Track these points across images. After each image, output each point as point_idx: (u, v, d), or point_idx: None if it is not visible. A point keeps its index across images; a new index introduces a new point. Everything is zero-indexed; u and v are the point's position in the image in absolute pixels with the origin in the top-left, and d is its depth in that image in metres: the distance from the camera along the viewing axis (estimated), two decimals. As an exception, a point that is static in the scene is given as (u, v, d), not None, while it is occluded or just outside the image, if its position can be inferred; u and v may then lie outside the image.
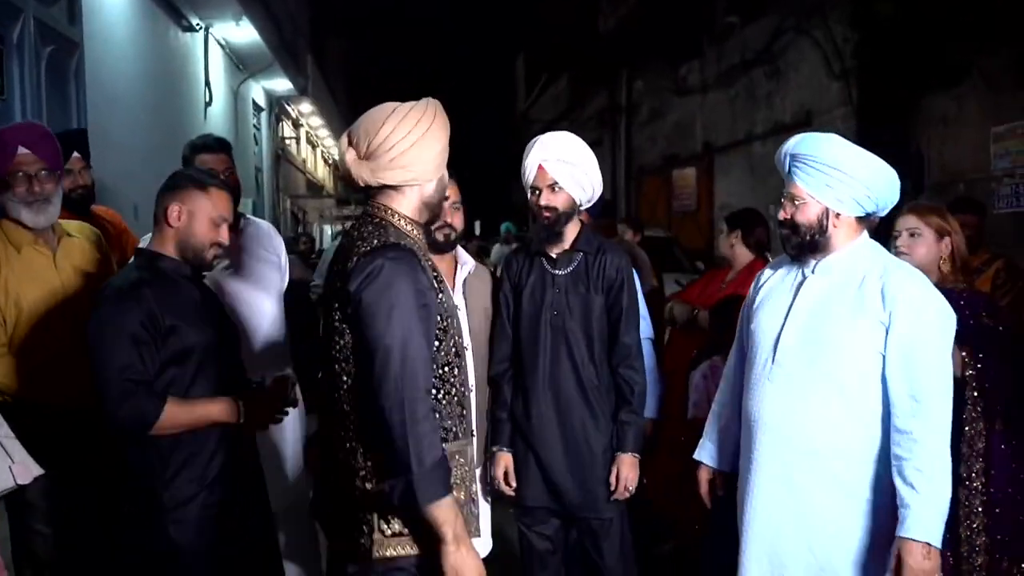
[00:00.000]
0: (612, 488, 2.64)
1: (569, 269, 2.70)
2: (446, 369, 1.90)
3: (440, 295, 1.91)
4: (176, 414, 2.10)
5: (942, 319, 2.07)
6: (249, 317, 2.81)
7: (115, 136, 5.17)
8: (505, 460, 2.73)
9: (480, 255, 8.69)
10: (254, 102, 11.73)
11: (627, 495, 2.65)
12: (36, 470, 2.18)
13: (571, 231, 2.70)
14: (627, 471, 2.63)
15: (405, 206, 1.93)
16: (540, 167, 2.63)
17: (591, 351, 2.68)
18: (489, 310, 2.80)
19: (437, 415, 1.83)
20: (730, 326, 3.49)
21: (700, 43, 10.59)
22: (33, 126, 2.83)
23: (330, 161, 23.81)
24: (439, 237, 2.59)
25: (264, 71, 10.79)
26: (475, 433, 2.17)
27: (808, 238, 2.13)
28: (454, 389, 1.93)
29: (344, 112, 21.66)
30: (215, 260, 2.32)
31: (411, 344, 1.75)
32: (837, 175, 2.09)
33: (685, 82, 11.18)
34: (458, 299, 2.69)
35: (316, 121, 17.64)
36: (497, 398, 2.76)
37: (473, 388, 2.60)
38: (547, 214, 2.63)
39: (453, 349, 1.93)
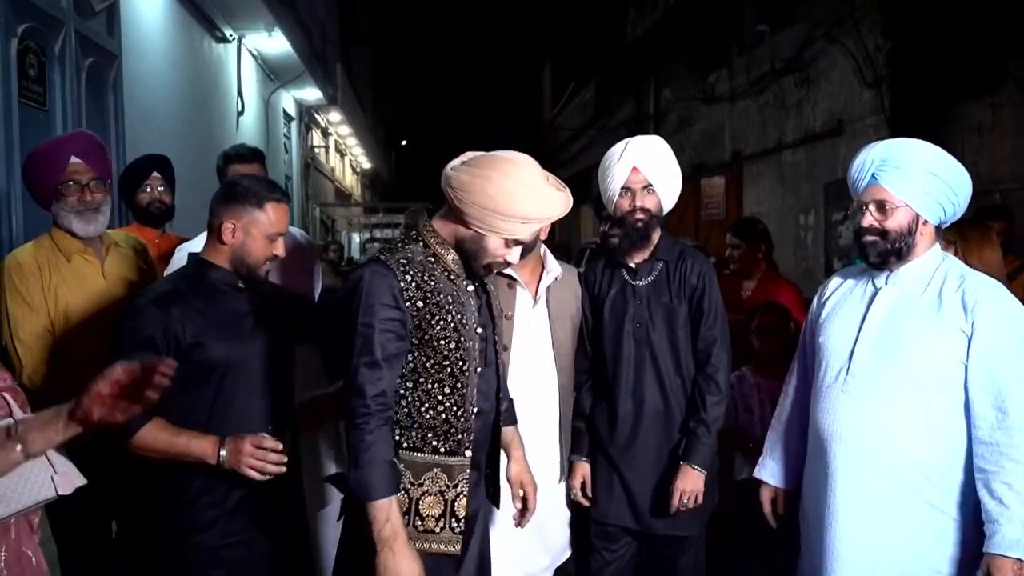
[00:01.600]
0: (670, 498, 2.55)
1: (650, 279, 2.64)
2: (434, 386, 2.00)
3: (448, 314, 1.99)
4: (156, 437, 2.01)
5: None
6: None
7: (150, 146, 5.23)
8: (582, 470, 2.68)
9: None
10: (285, 111, 11.86)
11: (683, 509, 2.54)
12: (78, 480, 2.07)
13: (656, 237, 2.65)
14: (687, 483, 2.53)
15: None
16: (635, 168, 2.58)
17: (676, 361, 2.61)
18: (576, 317, 2.73)
19: (398, 420, 1.99)
20: (768, 337, 3.47)
21: (729, 51, 10.54)
22: (85, 136, 2.84)
23: (358, 170, 23.97)
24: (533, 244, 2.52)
25: (295, 81, 10.91)
26: (480, 439, 2.12)
27: (896, 245, 2.10)
28: (441, 406, 2.00)
29: (371, 121, 21.82)
30: (268, 271, 2.24)
31: (356, 360, 1.92)
32: (933, 181, 2.07)
33: (714, 90, 11.13)
34: (540, 306, 2.66)
35: (345, 130, 17.78)
36: (575, 409, 2.70)
37: (556, 399, 2.64)
38: (641, 215, 2.57)
39: (449, 367, 2.00)
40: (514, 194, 1.93)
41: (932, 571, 2.07)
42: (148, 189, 3.32)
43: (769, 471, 2.48)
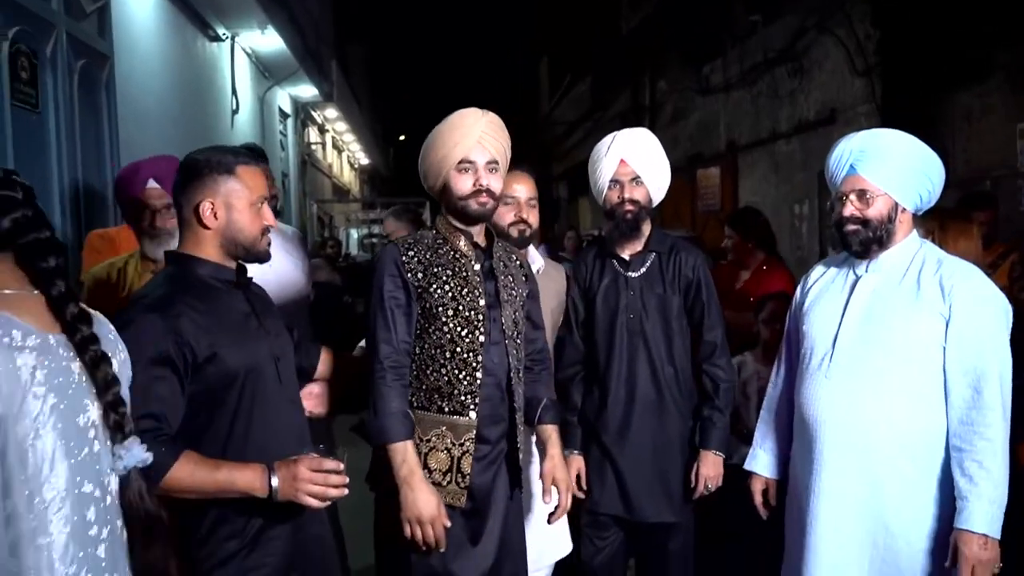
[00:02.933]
0: (692, 485, 2.62)
1: (643, 270, 2.68)
2: (436, 351, 2.21)
3: (446, 284, 2.21)
4: (191, 473, 1.71)
5: (1000, 311, 2.11)
6: None
7: (144, 146, 5.27)
8: (577, 464, 2.71)
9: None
10: (280, 109, 11.88)
11: (706, 493, 2.63)
12: None
13: (646, 229, 2.69)
14: (708, 469, 2.62)
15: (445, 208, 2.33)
16: (622, 160, 2.63)
17: (670, 352, 2.66)
18: (557, 311, 2.76)
19: (410, 381, 2.22)
20: (780, 325, 3.53)
21: (722, 42, 10.55)
22: (168, 160, 2.84)
23: (355, 165, 23.97)
24: (514, 233, 2.61)
25: (289, 78, 10.92)
26: (491, 414, 2.27)
27: (877, 233, 2.18)
28: (443, 368, 2.20)
29: (368, 117, 21.81)
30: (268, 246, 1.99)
31: (374, 324, 2.19)
32: (910, 169, 2.15)
33: (708, 81, 11.14)
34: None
35: (341, 126, 17.79)
36: (566, 402, 2.73)
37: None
38: (630, 207, 2.63)
39: (448, 334, 2.21)
40: (433, 136, 2.30)
41: (910, 546, 2.13)
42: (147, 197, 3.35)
43: (761, 462, 2.54)
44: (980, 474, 2.01)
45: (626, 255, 2.70)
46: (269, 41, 9.10)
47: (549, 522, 2.42)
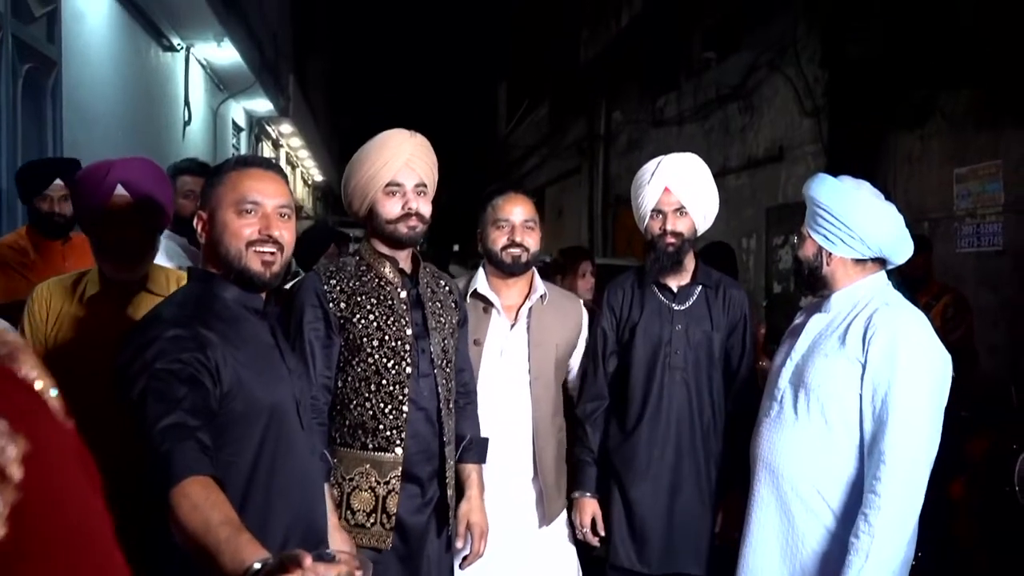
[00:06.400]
0: (717, 530, 2.46)
1: (688, 304, 2.52)
2: (361, 383, 2.11)
3: (370, 314, 2.12)
4: (198, 500, 1.33)
5: (920, 364, 2.01)
6: None
7: (90, 154, 5.15)
8: (591, 507, 2.53)
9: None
10: (234, 122, 11.74)
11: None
12: None
13: (690, 262, 2.53)
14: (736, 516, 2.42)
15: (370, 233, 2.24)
16: (666, 188, 2.46)
17: (711, 392, 2.48)
18: (563, 345, 2.55)
19: (332, 416, 2.11)
20: None
21: (677, 76, 10.75)
22: (142, 163, 2.31)
23: (310, 182, 23.75)
24: (506, 259, 2.43)
25: (245, 92, 10.79)
26: (423, 450, 2.16)
27: (806, 273, 2.23)
28: (368, 403, 2.10)
29: (325, 133, 21.68)
30: (275, 271, 1.67)
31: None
32: (826, 216, 2.16)
33: (662, 114, 11.33)
34: (518, 331, 2.50)
35: (296, 142, 17.64)
36: (582, 440, 2.55)
37: (529, 433, 2.47)
38: (672, 240, 2.47)
39: (373, 365, 2.11)
40: (358, 157, 2.21)
41: None
42: (48, 199, 3.10)
43: None
44: (863, 527, 1.97)
45: (674, 286, 2.54)
46: (225, 54, 9.00)
47: (461, 567, 2.26)
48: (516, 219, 2.46)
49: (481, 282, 2.52)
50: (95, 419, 1.83)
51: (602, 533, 2.54)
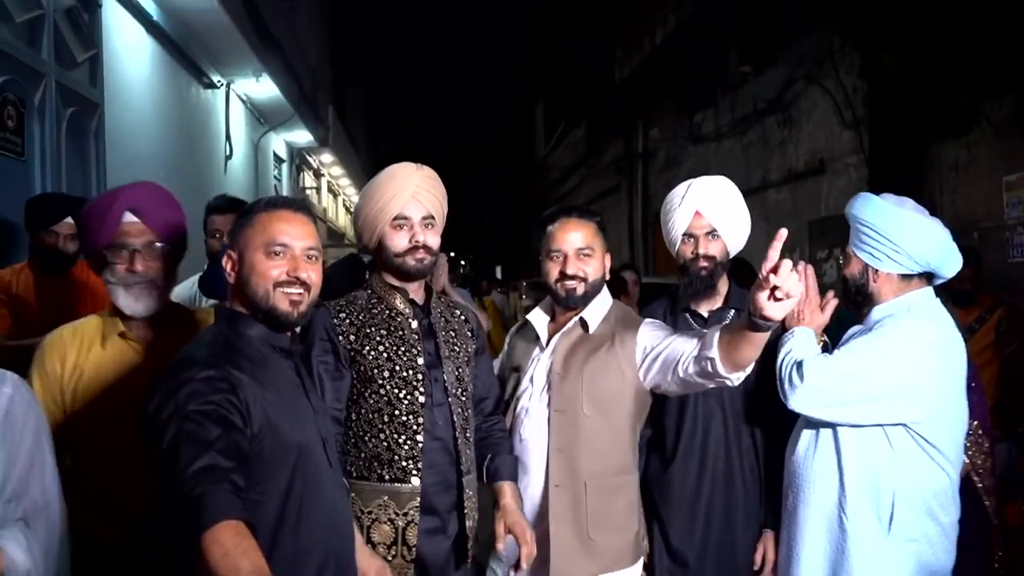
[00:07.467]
0: (757, 568, 2.39)
1: None
2: (374, 415, 2.09)
3: (380, 344, 2.11)
4: (229, 547, 1.34)
5: (886, 340, 2.17)
6: None
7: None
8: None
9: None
10: (275, 154, 11.95)
11: None
12: None
13: (723, 285, 2.49)
14: (774, 551, 2.40)
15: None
16: (697, 212, 2.42)
17: (748, 419, 2.42)
18: (608, 374, 2.36)
19: (348, 450, 2.10)
20: None
21: (714, 92, 10.67)
22: (149, 188, 2.20)
23: (351, 209, 24.06)
24: (560, 292, 2.34)
25: (284, 124, 11.00)
26: (440, 480, 2.12)
27: (853, 291, 2.30)
28: (382, 434, 2.08)
29: (364, 161, 21.97)
30: (302, 311, 1.71)
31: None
32: (870, 233, 2.21)
33: (700, 130, 11.25)
34: (548, 355, 2.38)
35: (337, 171, 17.89)
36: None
37: (543, 459, 2.31)
38: (705, 264, 2.43)
39: (386, 396, 2.09)
40: (366, 191, 2.23)
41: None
42: (55, 235, 3.10)
43: None
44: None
45: (704, 311, 2.50)
46: (264, 88, 9.19)
47: (516, 570, 2.12)
48: (569, 248, 2.32)
49: (536, 311, 2.48)
50: (120, 462, 1.90)
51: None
